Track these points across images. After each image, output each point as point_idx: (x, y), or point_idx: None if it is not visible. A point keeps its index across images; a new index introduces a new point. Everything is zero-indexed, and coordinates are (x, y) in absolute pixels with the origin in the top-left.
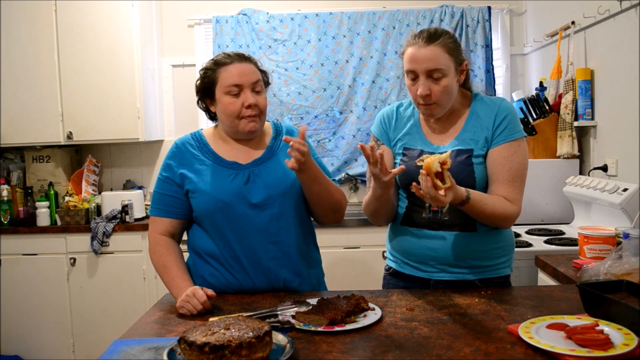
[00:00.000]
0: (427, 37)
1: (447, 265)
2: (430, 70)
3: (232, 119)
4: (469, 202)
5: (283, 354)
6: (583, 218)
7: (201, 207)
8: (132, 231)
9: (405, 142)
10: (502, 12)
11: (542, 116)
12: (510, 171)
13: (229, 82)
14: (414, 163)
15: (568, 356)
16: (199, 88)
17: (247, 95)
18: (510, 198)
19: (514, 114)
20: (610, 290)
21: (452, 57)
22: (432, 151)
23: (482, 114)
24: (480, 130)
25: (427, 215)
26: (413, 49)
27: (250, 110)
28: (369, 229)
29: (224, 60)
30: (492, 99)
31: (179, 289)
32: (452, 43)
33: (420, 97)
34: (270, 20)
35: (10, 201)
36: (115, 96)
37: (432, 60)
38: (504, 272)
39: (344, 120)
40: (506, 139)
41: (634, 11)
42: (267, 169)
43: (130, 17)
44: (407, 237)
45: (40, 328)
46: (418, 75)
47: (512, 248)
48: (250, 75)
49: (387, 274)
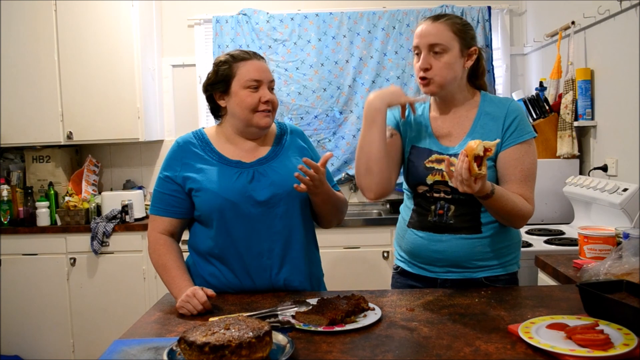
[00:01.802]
0: (436, 16)
1: (454, 267)
2: (432, 44)
3: (247, 112)
4: (493, 195)
5: (283, 354)
6: (583, 218)
7: (205, 205)
8: (132, 231)
9: (414, 140)
10: (502, 12)
11: (542, 116)
12: (522, 171)
13: (249, 76)
14: (423, 164)
15: (568, 356)
16: (211, 80)
17: (265, 91)
18: (525, 197)
19: (523, 115)
20: (610, 290)
21: (457, 37)
22: (441, 152)
23: (491, 114)
24: (490, 131)
25: (433, 218)
26: (420, 26)
27: (266, 105)
28: (369, 229)
29: (243, 55)
30: (501, 100)
31: (179, 289)
32: (460, 25)
33: (421, 69)
34: (270, 20)
35: (10, 201)
36: (115, 96)
37: (435, 35)
38: (510, 270)
39: (344, 120)
40: (517, 141)
41: (634, 11)
42: (272, 168)
43: (130, 17)
44: (413, 240)
45: (40, 328)
46: (421, 50)
47: (519, 246)
48: (268, 73)
49: (395, 273)
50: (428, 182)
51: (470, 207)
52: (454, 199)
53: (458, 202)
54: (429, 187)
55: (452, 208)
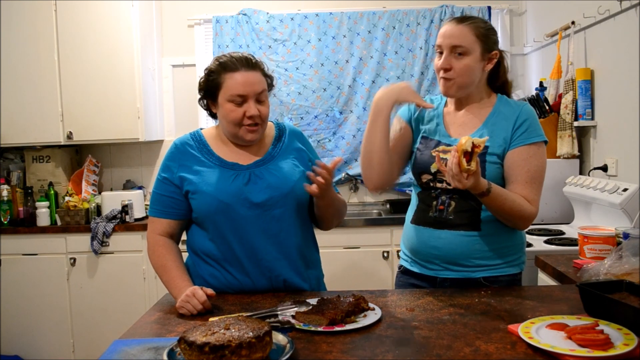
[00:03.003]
0: (461, 18)
1: (452, 264)
2: (454, 45)
3: (232, 125)
4: (489, 194)
5: (283, 354)
6: (583, 218)
7: (201, 208)
8: (132, 231)
9: (425, 132)
10: (502, 12)
11: (542, 116)
12: (529, 172)
13: (233, 91)
14: (429, 152)
15: (568, 356)
16: (202, 88)
17: (250, 106)
18: (529, 198)
19: (536, 119)
20: (610, 290)
21: (479, 40)
22: (450, 143)
23: (504, 114)
24: (500, 129)
25: (434, 214)
26: (444, 27)
27: (252, 120)
28: (369, 229)
29: (231, 65)
30: (517, 102)
31: (179, 289)
32: (483, 29)
33: (441, 69)
34: (270, 20)
35: (10, 201)
36: (115, 96)
37: (457, 37)
38: (510, 271)
39: (344, 120)
40: (525, 141)
41: (634, 11)
42: (269, 170)
43: (130, 17)
44: (415, 236)
45: (40, 328)
46: (443, 51)
47: (522, 247)
48: (255, 85)
49: (399, 272)
50: (432, 170)
51: (471, 204)
52: (455, 190)
53: (459, 196)
54: (432, 176)
55: (452, 204)
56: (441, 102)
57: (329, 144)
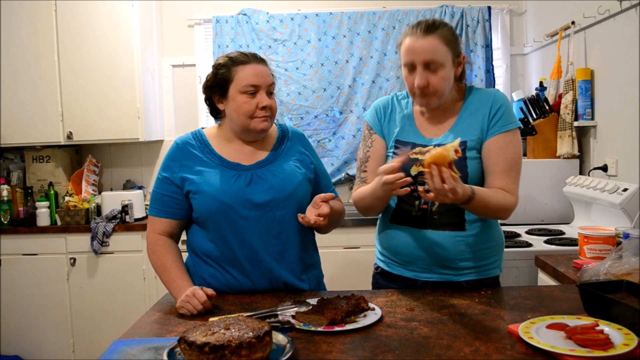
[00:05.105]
0: (425, 28)
1: (435, 266)
2: (428, 61)
3: (244, 117)
4: (474, 197)
5: (283, 354)
6: (583, 218)
7: (202, 208)
8: (132, 231)
9: (398, 135)
10: (502, 12)
11: (542, 116)
12: (506, 161)
13: (246, 81)
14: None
15: (568, 356)
16: (210, 83)
17: (262, 97)
18: (508, 189)
19: (509, 105)
20: (610, 290)
21: (449, 48)
22: (425, 144)
23: (477, 105)
24: (475, 122)
25: (417, 213)
26: (411, 40)
27: (264, 111)
28: (369, 229)
29: (242, 58)
30: (487, 90)
31: (179, 289)
32: (450, 35)
33: (418, 88)
34: (270, 20)
35: (10, 201)
36: (115, 96)
37: (430, 52)
38: (492, 273)
39: (344, 120)
40: (501, 129)
41: (634, 11)
42: (271, 172)
43: (130, 17)
44: (396, 236)
45: (40, 328)
46: (415, 66)
47: (502, 248)
48: (266, 77)
49: (376, 273)
50: (412, 174)
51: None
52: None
53: None
54: (413, 179)
55: (436, 203)
56: (409, 101)
57: (329, 144)
